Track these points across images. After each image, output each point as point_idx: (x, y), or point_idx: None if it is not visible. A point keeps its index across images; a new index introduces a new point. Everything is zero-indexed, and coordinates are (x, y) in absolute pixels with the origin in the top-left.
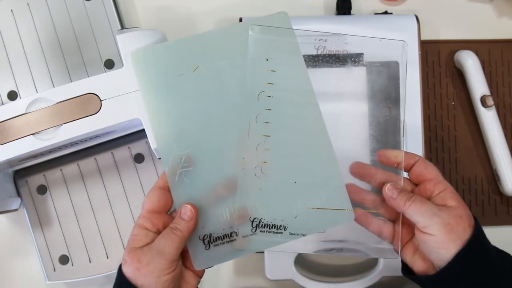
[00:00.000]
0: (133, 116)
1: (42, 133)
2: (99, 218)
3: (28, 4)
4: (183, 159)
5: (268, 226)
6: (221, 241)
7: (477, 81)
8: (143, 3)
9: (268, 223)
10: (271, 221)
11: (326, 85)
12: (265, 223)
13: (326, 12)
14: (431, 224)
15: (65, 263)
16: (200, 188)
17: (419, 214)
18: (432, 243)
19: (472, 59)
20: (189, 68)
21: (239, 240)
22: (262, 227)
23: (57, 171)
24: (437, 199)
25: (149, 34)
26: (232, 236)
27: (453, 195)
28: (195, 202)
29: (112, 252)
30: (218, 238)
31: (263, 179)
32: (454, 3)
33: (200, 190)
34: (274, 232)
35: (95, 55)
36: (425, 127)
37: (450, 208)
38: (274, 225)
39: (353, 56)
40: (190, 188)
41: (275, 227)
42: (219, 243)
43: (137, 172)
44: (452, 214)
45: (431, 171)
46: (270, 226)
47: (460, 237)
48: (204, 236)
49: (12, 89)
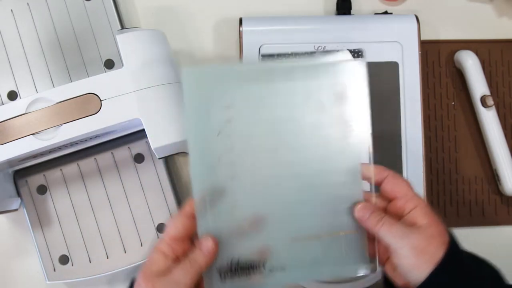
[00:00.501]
0: (133, 116)
1: (42, 133)
2: (99, 218)
3: (28, 4)
4: (215, 189)
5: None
6: (238, 275)
7: (477, 81)
8: (143, 3)
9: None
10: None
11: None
12: (282, 267)
13: (326, 12)
14: (402, 246)
15: (65, 263)
16: (226, 221)
17: (390, 236)
18: (405, 265)
19: (472, 59)
20: (238, 101)
21: (256, 275)
22: (279, 271)
23: (57, 171)
24: (408, 218)
25: (149, 34)
26: (249, 270)
27: (425, 212)
28: (218, 233)
29: (112, 252)
30: (235, 271)
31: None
32: (454, 3)
33: (226, 222)
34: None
35: (95, 55)
36: (425, 127)
37: (421, 228)
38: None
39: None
40: (216, 219)
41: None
42: (236, 277)
43: (137, 172)
44: (422, 235)
45: (401, 188)
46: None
47: (433, 257)
48: (220, 268)
49: (12, 89)
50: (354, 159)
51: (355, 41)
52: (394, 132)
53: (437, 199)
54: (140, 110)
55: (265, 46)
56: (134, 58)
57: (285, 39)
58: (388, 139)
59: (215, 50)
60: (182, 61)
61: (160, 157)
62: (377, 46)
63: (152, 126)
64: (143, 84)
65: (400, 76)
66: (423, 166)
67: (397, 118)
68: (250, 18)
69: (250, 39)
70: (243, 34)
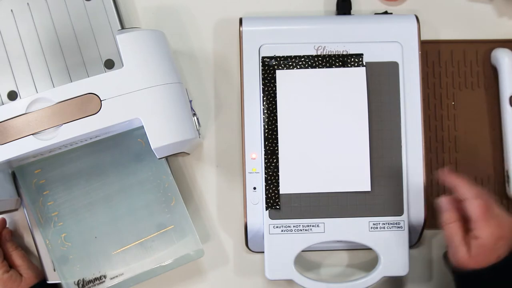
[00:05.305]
0: (133, 116)
1: (42, 133)
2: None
3: (28, 4)
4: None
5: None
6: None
7: (509, 80)
8: (143, 3)
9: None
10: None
11: (325, 86)
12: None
13: (326, 12)
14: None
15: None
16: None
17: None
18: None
19: (509, 57)
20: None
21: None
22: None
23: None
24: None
25: (149, 34)
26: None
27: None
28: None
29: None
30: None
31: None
32: (454, 3)
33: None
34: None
35: (95, 55)
36: (425, 127)
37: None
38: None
39: (352, 57)
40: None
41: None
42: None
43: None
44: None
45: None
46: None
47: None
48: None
49: (12, 89)
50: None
51: (355, 41)
52: (394, 132)
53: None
54: (140, 110)
55: (265, 46)
56: (134, 58)
57: (285, 39)
58: (388, 139)
59: (215, 50)
60: (182, 61)
61: (160, 157)
62: (377, 46)
63: (152, 126)
64: (143, 84)
65: (400, 76)
66: (423, 166)
67: (397, 118)
68: (250, 18)
69: (250, 39)
70: (243, 34)
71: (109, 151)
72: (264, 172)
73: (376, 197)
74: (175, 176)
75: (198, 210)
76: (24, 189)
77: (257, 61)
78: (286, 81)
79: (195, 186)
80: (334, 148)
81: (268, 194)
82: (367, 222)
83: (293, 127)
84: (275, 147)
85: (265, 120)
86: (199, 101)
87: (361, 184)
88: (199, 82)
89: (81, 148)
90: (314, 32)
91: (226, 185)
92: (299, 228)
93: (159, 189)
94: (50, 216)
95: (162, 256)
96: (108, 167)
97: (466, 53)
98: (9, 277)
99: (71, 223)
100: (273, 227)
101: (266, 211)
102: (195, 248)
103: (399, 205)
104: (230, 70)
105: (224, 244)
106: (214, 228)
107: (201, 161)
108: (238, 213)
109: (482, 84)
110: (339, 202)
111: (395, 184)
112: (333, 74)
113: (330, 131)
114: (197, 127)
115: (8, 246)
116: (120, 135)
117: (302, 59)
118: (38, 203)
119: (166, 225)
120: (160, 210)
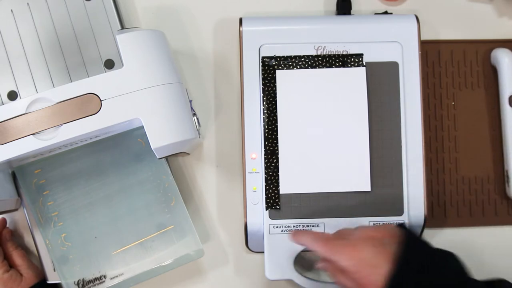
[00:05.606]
0: (133, 116)
1: (42, 133)
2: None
3: (28, 4)
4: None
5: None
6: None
7: (509, 79)
8: (143, 3)
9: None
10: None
11: (325, 86)
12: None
13: (326, 12)
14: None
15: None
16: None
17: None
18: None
19: (509, 57)
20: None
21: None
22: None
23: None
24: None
25: (149, 34)
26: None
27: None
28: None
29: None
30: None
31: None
32: (454, 3)
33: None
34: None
35: (95, 55)
36: (425, 127)
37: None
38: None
39: (352, 57)
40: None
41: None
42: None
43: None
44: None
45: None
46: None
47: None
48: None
49: (12, 89)
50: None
51: (355, 41)
52: (394, 132)
53: (437, 199)
54: (140, 110)
55: (265, 46)
56: (134, 58)
57: (285, 39)
58: (388, 139)
59: (215, 50)
60: (182, 61)
61: (160, 157)
62: (377, 46)
63: (152, 126)
64: (143, 84)
65: (400, 76)
66: (423, 166)
67: (397, 118)
68: (250, 18)
69: (250, 39)
70: (243, 34)
71: (109, 151)
72: (264, 172)
73: (376, 197)
74: (175, 176)
75: (198, 210)
76: (24, 189)
77: (257, 61)
78: (286, 81)
79: (195, 186)
80: (334, 148)
81: (268, 194)
82: (367, 222)
83: (293, 127)
84: (275, 147)
85: (265, 120)
86: (199, 101)
87: (361, 184)
88: (199, 82)
89: (81, 148)
90: (314, 32)
91: (226, 185)
92: (299, 228)
93: (159, 189)
94: (50, 216)
95: (162, 256)
96: (108, 167)
97: (466, 53)
98: (9, 277)
99: (71, 223)
100: (273, 227)
101: (266, 211)
102: (195, 248)
103: (399, 205)
104: (230, 70)
105: (224, 244)
106: (214, 228)
107: (201, 161)
108: (238, 213)
109: (482, 84)
110: (339, 202)
111: (395, 184)
112: (333, 74)
113: (330, 131)
114: (197, 127)
115: (8, 246)
116: (120, 135)
117: (302, 59)
118: (38, 203)
119: (166, 225)
120: (160, 210)
